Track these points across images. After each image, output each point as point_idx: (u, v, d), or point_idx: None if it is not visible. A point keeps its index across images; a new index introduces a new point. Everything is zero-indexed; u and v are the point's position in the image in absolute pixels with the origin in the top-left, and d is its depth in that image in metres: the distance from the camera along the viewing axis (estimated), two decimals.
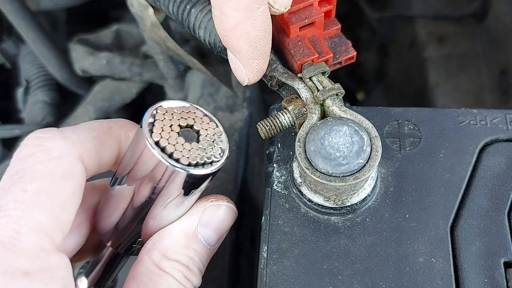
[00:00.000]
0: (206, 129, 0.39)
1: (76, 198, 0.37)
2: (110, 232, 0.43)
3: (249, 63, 0.41)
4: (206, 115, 0.40)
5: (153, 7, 0.59)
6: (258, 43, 0.39)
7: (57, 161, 0.36)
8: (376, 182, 0.43)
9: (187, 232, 0.41)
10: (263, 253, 0.42)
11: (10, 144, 0.91)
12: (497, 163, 0.45)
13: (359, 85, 1.29)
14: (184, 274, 0.40)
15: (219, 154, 0.38)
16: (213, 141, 0.38)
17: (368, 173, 0.38)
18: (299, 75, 0.44)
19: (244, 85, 0.44)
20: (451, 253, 0.41)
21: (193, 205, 0.42)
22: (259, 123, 0.44)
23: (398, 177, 0.44)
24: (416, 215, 0.42)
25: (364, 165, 0.39)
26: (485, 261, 0.40)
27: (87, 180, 0.40)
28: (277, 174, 0.45)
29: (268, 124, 0.43)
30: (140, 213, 0.40)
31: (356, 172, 0.38)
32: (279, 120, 0.43)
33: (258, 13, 0.37)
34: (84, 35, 0.89)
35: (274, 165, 0.46)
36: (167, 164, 0.35)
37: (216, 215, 0.42)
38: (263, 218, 0.44)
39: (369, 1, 1.13)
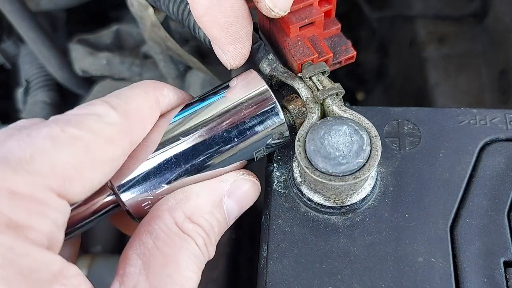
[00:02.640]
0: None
1: (110, 166, 0.36)
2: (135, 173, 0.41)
3: (225, 48, 0.42)
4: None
5: (153, 7, 0.59)
6: (230, 28, 0.40)
7: (105, 125, 0.36)
8: (375, 182, 0.43)
9: (215, 197, 0.40)
10: (263, 252, 0.42)
11: None
12: (497, 163, 0.45)
13: (359, 85, 1.29)
14: (205, 242, 0.39)
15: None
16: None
17: (367, 173, 0.38)
18: (299, 74, 0.44)
19: (229, 69, 0.44)
20: (450, 252, 0.41)
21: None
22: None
23: (397, 176, 0.44)
24: (415, 215, 0.42)
25: (364, 165, 0.39)
26: (485, 260, 0.40)
27: None
28: (277, 173, 0.45)
29: None
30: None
31: (355, 172, 0.38)
32: None
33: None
34: (84, 35, 0.89)
35: (274, 164, 0.46)
36: (277, 105, 0.41)
37: (243, 188, 0.42)
38: (263, 217, 0.44)
39: (369, 1, 1.13)
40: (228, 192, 0.41)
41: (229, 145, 0.41)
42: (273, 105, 0.41)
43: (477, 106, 0.48)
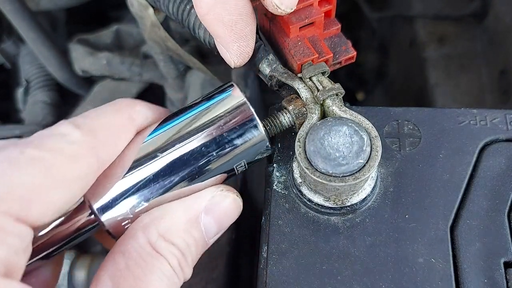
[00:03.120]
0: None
1: (76, 185, 0.35)
2: (108, 196, 0.40)
3: (229, 46, 0.42)
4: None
5: (153, 7, 0.59)
6: (235, 26, 0.40)
7: (67, 143, 0.35)
8: (376, 182, 0.43)
9: (191, 215, 0.39)
10: (263, 253, 0.42)
11: None
12: (497, 163, 0.45)
13: (359, 85, 1.29)
14: (179, 261, 0.38)
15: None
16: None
17: (368, 173, 0.38)
18: (299, 75, 0.44)
19: (232, 67, 0.44)
20: (451, 253, 0.41)
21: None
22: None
23: (398, 177, 0.44)
24: (416, 216, 0.42)
25: (364, 165, 0.39)
26: (485, 261, 0.40)
27: None
28: (277, 174, 0.45)
29: (268, 124, 0.43)
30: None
31: (356, 172, 0.38)
32: (279, 120, 0.43)
33: None
34: (84, 35, 0.89)
35: (274, 165, 0.46)
36: (258, 121, 0.40)
37: (222, 205, 0.40)
38: (263, 218, 0.44)
39: (369, 1, 1.13)
40: (205, 209, 0.40)
41: (206, 160, 0.40)
42: (251, 118, 0.40)
43: (477, 106, 0.48)
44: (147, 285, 0.36)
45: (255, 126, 0.40)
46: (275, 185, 0.45)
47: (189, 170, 0.40)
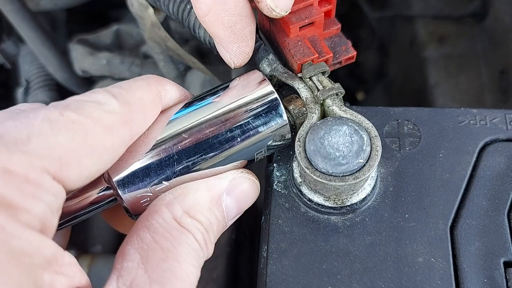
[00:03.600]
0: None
1: (109, 155, 0.35)
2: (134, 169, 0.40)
3: (229, 47, 0.42)
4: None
5: (153, 7, 0.59)
6: (234, 27, 0.40)
7: (105, 112, 0.35)
8: (375, 182, 0.43)
9: (213, 194, 0.40)
10: (262, 252, 0.42)
11: None
12: (497, 163, 0.45)
13: (359, 85, 1.29)
14: (204, 237, 0.38)
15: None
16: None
17: (367, 173, 0.38)
18: (299, 75, 0.44)
19: (232, 68, 0.44)
20: (450, 253, 0.41)
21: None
22: None
23: (397, 177, 0.44)
24: (415, 215, 0.42)
25: (364, 165, 0.39)
26: (485, 261, 0.40)
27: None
28: (277, 173, 0.45)
29: None
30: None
31: (355, 172, 0.38)
32: None
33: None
34: (84, 35, 0.89)
35: (274, 164, 0.46)
36: (282, 105, 0.41)
37: (242, 186, 0.41)
38: (263, 217, 0.44)
39: (369, 1, 1.13)
40: (226, 189, 0.40)
41: (230, 144, 0.40)
42: (277, 106, 0.41)
43: (477, 106, 0.48)
44: (176, 257, 0.36)
45: (280, 114, 0.41)
46: (275, 185, 0.45)
47: (211, 153, 0.40)
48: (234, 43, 0.42)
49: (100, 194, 0.41)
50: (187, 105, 0.42)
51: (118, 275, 0.35)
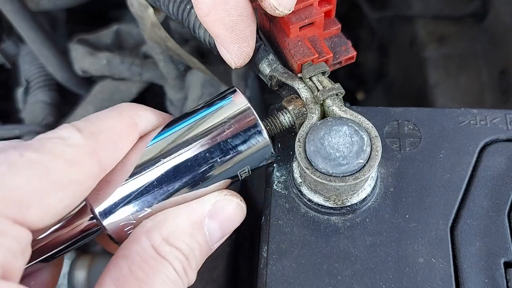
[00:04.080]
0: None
1: (75, 189, 0.35)
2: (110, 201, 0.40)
3: (230, 47, 0.42)
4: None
5: (153, 7, 0.59)
6: (235, 27, 0.40)
7: (68, 147, 0.35)
8: (376, 182, 0.43)
9: (195, 219, 0.39)
10: (263, 253, 0.42)
11: None
12: (497, 163, 0.45)
13: (359, 85, 1.29)
14: (183, 266, 0.37)
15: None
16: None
17: (368, 173, 0.38)
18: (299, 75, 0.44)
19: (233, 68, 0.44)
20: (451, 253, 0.41)
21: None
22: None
23: (398, 177, 0.44)
24: (416, 216, 0.42)
25: (364, 165, 0.39)
26: (485, 261, 0.40)
27: None
28: (277, 174, 0.45)
29: (268, 124, 0.43)
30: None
31: (356, 172, 0.38)
32: (279, 120, 0.43)
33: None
34: (84, 35, 0.89)
35: (274, 165, 0.46)
36: (262, 126, 0.40)
37: (226, 209, 0.40)
38: (263, 218, 0.44)
39: (369, 1, 1.13)
40: (209, 213, 0.40)
41: (210, 166, 0.40)
42: (255, 124, 0.40)
43: (477, 106, 0.48)
44: None
45: (259, 132, 0.40)
46: (275, 185, 0.45)
47: (192, 176, 0.40)
48: (235, 43, 0.41)
49: (85, 224, 0.41)
50: (166, 128, 0.42)
51: None
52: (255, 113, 0.40)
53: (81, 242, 0.42)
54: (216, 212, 0.40)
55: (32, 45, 0.86)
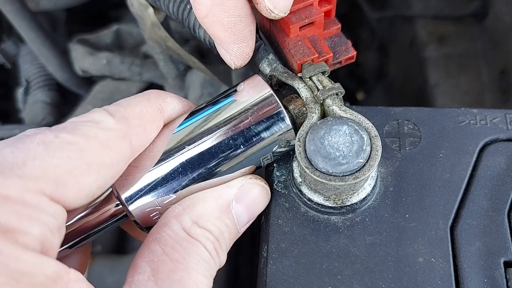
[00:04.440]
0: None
1: (108, 172, 0.36)
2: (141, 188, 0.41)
3: (229, 48, 0.42)
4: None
5: (153, 6, 0.59)
6: (234, 28, 0.40)
7: (101, 130, 0.36)
8: (376, 182, 0.43)
9: (222, 202, 0.40)
10: (263, 252, 0.42)
11: None
12: (497, 163, 0.45)
13: (359, 85, 1.29)
14: (215, 246, 0.39)
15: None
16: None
17: (368, 173, 0.38)
18: (299, 74, 0.44)
19: (233, 68, 0.44)
20: (451, 253, 0.41)
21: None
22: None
23: (398, 177, 0.44)
24: (416, 215, 0.42)
25: (364, 165, 0.39)
26: (485, 261, 0.40)
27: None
28: (277, 173, 0.45)
29: None
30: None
31: (356, 172, 0.38)
32: None
33: (229, 0, 0.39)
34: (84, 35, 0.89)
35: (274, 164, 0.46)
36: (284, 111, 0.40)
37: (251, 193, 0.41)
38: (263, 217, 0.44)
39: (369, 1, 1.13)
40: (235, 197, 0.41)
41: (235, 153, 0.41)
42: (278, 111, 0.41)
43: (477, 106, 0.48)
44: (186, 267, 0.36)
45: (282, 119, 0.41)
46: (275, 185, 0.45)
47: (216, 162, 0.40)
48: (234, 43, 0.41)
49: (112, 211, 0.42)
50: (190, 115, 0.42)
51: None
52: (278, 99, 0.41)
53: (107, 228, 0.43)
54: (242, 195, 0.41)
55: (32, 45, 0.86)
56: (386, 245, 0.41)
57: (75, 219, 0.41)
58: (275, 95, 0.41)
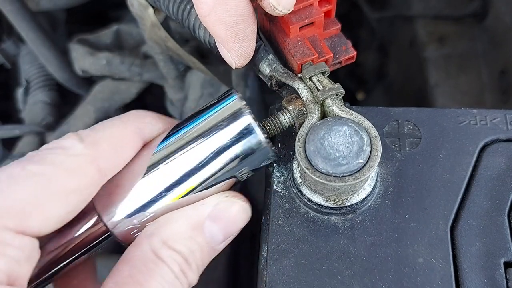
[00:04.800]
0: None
1: (76, 197, 0.37)
2: (116, 209, 0.42)
3: (231, 47, 0.42)
4: None
5: (153, 7, 0.59)
6: (236, 27, 0.40)
7: (67, 156, 0.37)
8: (376, 182, 0.43)
9: (194, 222, 0.40)
10: (263, 253, 0.42)
11: (10, 144, 0.91)
12: (497, 163, 0.45)
13: (359, 85, 1.29)
14: (182, 267, 0.39)
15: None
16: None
17: (368, 173, 0.38)
18: (299, 75, 0.44)
19: (233, 68, 0.44)
20: (451, 253, 0.41)
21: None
22: (259, 123, 0.44)
23: (398, 177, 0.44)
24: (416, 216, 0.42)
25: (364, 165, 0.39)
26: (485, 261, 0.40)
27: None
28: (277, 174, 0.45)
29: (268, 124, 0.43)
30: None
31: (356, 172, 0.38)
32: (279, 120, 0.43)
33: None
34: (84, 35, 0.89)
35: (274, 165, 0.46)
36: (256, 127, 0.40)
37: (228, 212, 0.41)
38: (263, 218, 0.44)
39: (369, 1, 1.13)
40: (210, 215, 0.40)
41: (208, 169, 0.41)
42: (247, 126, 0.40)
43: (477, 107, 0.48)
44: None
45: (253, 134, 0.40)
46: (275, 185, 0.45)
47: (190, 180, 0.41)
48: (236, 43, 0.41)
49: (97, 232, 0.43)
50: (168, 135, 0.43)
51: None
52: (249, 115, 0.41)
53: (94, 249, 0.44)
54: (218, 214, 0.41)
55: (32, 45, 0.86)
56: (386, 245, 0.41)
57: (63, 241, 0.43)
58: (245, 109, 0.41)
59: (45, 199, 0.35)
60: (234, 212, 0.41)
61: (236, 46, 0.42)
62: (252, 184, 0.73)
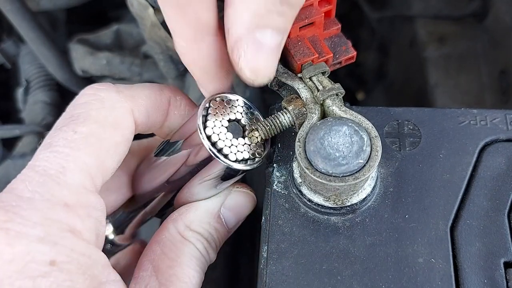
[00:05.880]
0: (251, 125, 0.44)
1: (122, 148, 0.41)
2: (147, 196, 0.49)
3: (204, 85, 0.43)
4: (250, 108, 0.45)
5: (153, 7, 0.59)
6: (210, 70, 0.41)
7: (109, 110, 0.40)
8: (376, 182, 0.43)
9: (212, 210, 0.46)
10: (263, 253, 0.42)
11: (10, 144, 0.91)
12: (497, 163, 0.45)
13: (359, 85, 1.29)
14: (205, 246, 0.44)
15: (261, 150, 0.44)
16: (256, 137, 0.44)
17: (368, 173, 0.38)
18: (299, 75, 0.44)
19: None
20: (451, 253, 0.41)
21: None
22: (259, 123, 0.44)
23: (398, 177, 0.44)
24: (416, 216, 0.42)
25: (364, 165, 0.39)
26: (485, 261, 0.40)
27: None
28: (277, 174, 0.45)
29: (268, 124, 0.43)
30: (178, 185, 0.46)
31: (355, 172, 0.38)
32: (279, 120, 0.43)
33: (203, 45, 0.39)
34: (84, 35, 0.89)
35: (274, 165, 0.46)
36: (217, 159, 0.41)
37: (238, 200, 0.47)
38: (263, 218, 0.44)
39: (369, 1, 1.13)
40: (224, 204, 0.47)
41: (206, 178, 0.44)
42: (207, 153, 0.41)
43: (477, 107, 0.48)
44: (180, 264, 0.42)
45: (215, 156, 0.41)
46: (275, 185, 0.45)
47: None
48: (210, 83, 0.43)
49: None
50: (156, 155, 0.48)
51: (135, 283, 0.42)
52: (202, 132, 0.41)
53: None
54: (230, 202, 0.47)
55: (32, 45, 0.86)
56: (386, 245, 0.41)
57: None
58: (202, 134, 0.41)
59: (103, 158, 0.39)
60: (243, 200, 0.47)
61: (209, 86, 0.43)
62: (252, 184, 0.72)
